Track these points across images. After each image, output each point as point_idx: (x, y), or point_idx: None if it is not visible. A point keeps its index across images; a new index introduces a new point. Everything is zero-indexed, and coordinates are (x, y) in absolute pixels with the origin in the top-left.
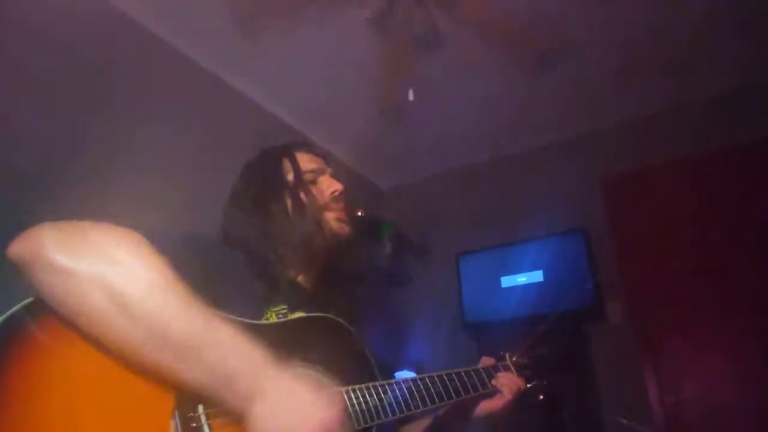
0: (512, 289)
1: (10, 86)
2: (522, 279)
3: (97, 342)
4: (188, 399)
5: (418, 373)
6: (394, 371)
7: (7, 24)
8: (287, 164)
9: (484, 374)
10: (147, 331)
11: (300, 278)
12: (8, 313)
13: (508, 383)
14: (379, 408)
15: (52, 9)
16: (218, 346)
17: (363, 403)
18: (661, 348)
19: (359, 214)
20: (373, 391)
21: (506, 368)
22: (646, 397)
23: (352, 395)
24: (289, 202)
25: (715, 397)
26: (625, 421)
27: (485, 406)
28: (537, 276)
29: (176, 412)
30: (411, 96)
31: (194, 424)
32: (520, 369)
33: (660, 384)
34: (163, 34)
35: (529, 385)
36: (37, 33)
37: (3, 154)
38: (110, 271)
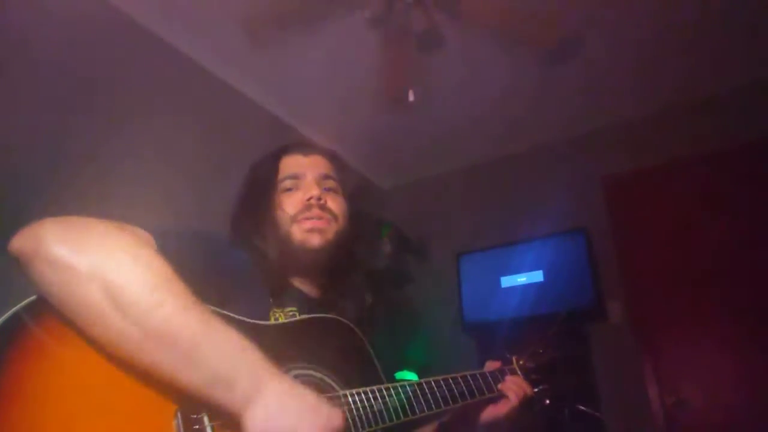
0: (512, 289)
1: (10, 85)
2: (522, 279)
3: (93, 340)
4: (191, 401)
5: (418, 374)
6: (394, 372)
7: (6, 23)
8: (275, 169)
9: (490, 378)
10: (142, 332)
11: (299, 284)
12: (11, 312)
13: (515, 388)
14: (384, 412)
15: (51, 9)
16: (217, 348)
17: (367, 407)
18: (661, 348)
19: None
20: (377, 394)
21: (513, 372)
22: (646, 397)
23: (357, 398)
24: (268, 214)
25: (715, 397)
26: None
27: (491, 412)
28: (537, 276)
29: (179, 414)
30: (411, 96)
31: (197, 426)
32: (527, 373)
33: (660, 384)
34: (163, 33)
35: (536, 390)
36: (36, 33)
37: (3, 153)
38: (109, 266)
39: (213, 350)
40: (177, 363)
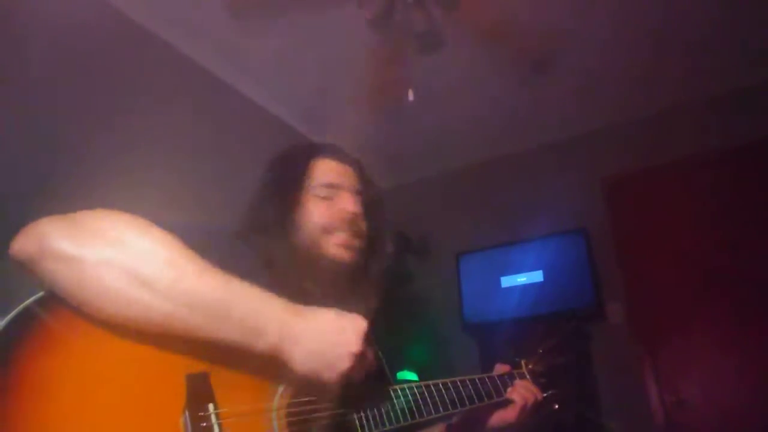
0: (512, 289)
1: (11, 85)
2: (522, 279)
3: (117, 322)
4: (198, 398)
5: (418, 373)
6: (395, 372)
7: (6, 23)
8: (307, 169)
9: (499, 382)
10: (172, 302)
11: (308, 285)
12: (20, 307)
13: (524, 392)
14: (391, 413)
15: (51, 8)
16: (243, 302)
17: (375, 408)
18: (661, 348)
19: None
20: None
21: (522, 376)
22: (646, 397)
23: None
24: (294, 213)
25: (715, 397)
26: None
27: (500, 416)
28: (537, 276)
29: (186, 411)
30: (411, 96)
31: (204, 424)
32: (535, 377)
33: (660, 384)
34: (164, 33)
35: (545, 395)
36: (36, 32)
37: (4, 153)
38: (120, 252)
39: (239, 305)
40: (210, 324)
